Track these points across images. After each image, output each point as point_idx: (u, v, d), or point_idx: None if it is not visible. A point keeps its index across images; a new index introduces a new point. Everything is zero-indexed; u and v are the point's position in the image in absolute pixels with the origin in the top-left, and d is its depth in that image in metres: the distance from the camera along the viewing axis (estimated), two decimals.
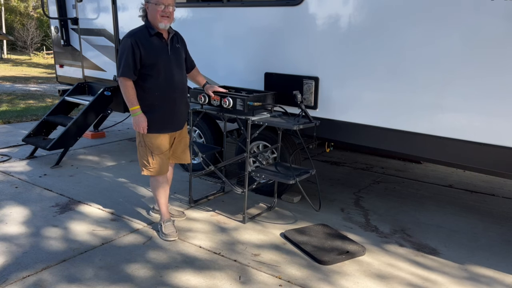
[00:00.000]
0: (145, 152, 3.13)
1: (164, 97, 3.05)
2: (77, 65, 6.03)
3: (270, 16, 3.81)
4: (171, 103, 3.09)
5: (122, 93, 3.00)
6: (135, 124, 3.01)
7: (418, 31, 3.05)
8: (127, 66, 2.92)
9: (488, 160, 2.94)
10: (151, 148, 3.11)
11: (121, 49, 2.95)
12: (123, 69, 2.93)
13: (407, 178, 4.91)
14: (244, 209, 3.51)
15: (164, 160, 3.18)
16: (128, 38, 2.94)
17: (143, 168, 3.18)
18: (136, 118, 2.99)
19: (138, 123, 3.00)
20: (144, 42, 2.95)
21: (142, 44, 2.93)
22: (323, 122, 3.59)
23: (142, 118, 3.00)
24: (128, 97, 2.97)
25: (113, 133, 6.70)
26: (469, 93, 2.92)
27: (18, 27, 36.46)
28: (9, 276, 2.64)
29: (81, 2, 5.61)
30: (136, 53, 2.91)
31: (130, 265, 2.82)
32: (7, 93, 11.46)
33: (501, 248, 3.26)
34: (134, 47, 2.91)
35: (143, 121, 3.00)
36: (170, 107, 3.10)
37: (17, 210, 3.62)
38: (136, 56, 2.92)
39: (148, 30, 2.99)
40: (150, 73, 2.99)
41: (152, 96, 3.02)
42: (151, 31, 2.98)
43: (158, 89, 3.02)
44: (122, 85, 2.96)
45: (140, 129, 3.02)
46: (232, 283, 2.66)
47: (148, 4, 2.98)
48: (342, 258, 2.96)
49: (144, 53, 2.94)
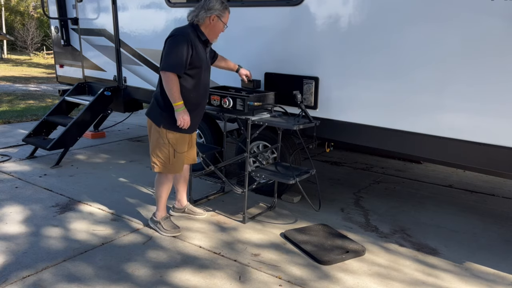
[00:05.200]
0: (167, 150, 3.13)
1: (198, 100, 3.12)
2: (77, 65, 6.03)
3: (270, 16, 3.81)
4: (200, 106, 3.19)
5: (166, 88, 2.97)
6: (180, 119, 3.01)
7: (418, 31, 3.06)
8: (179, 62, 2.93)
9: (488, 160, 2.95)
10: (175, 146, 3.13)
11: (174, 44, 2.95)
12: (174, 64, 2.93)
13: (407, 178, 4.91)
14: (244, 209, 3.51)
15: (182, 160, 3.23)
16: (185, 37, 2.95)
17: (158, 164, 3.16)
18: (181, 113, 3.01)
19: (184, 118, 3.01)
20: (196, 44, 3.00)
21: (194, 46, 2.98)
22: (323, 122, 3.59)
23: (186, 113, 3.02)
24: (173, 93, 2.96)
25: (113, 133, 6.70)
26: (469, 93, 2.92)
27: (18, 27, 36.49)
28: (9, 276, 2.64)
29: (81, 2, 5.61)
30: (189, 52, 2.95)
31: (130, 265, 2.82)
32: (7, 93, 11.46)
33: (501, 248, 3.26)
34: (189, 46, 2.94)
35: (187, 116, 3.02)
36: (199, 110, 3.20)
37: (17, 210, 3.62)
38: (189, 55, 2.95)
39: (198, 34, 3.04)
40: (192, 75, 3.03)
41: (188, 97, 3.05)
42: (202, 37, 3.05)
43: (195, 91, 3.08)
44: (168, 80, 2.94)
45: (185, 124, 3.03)
46: (232, 283, 2.66)
47: (217, 19, 3.05)
48: (342, 258, 2.96)
49: (195, 55, 2.98)
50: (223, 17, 3.09)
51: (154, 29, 4.78)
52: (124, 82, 5.34)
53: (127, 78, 5.30)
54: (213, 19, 3.04)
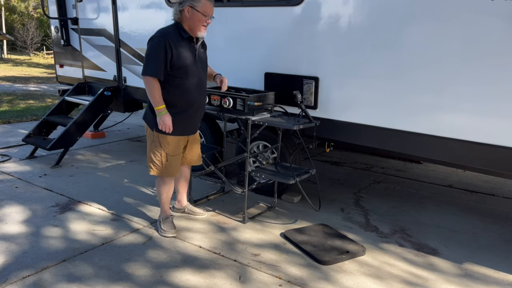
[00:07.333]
0: (160, 153, 3.09)
1: (188, 101, 3.03)
2: (77, 65, 6.03)
3: (270, 16, 3.81)
4: (193, 107, 3.08)
5: (147, 92, 2.94)
6: (161, 123, 2.96)
7: (418, 31, 3.06)
8: (157, 65, 2.87)
9: (488, 160, 2.94)
10: (166, 149, 3.07)
11: (152, 48, 2.90)
12: (152, 68, 2.88)
13: (407, 178, 4.91)
14: (244, 209, 3.51)
15: (177, 162, 3.17)
16: (162, 38, 2.87)
17: (153, 167, 3.14)
18: (162, 117, 2.95)
19: (164, 122, 2.95)
20: (176, 44, 2.89)
21: (174, 46, 2.88)
22: (323, 122, 3.59)
23: (167, 117, 2.96)
24: (154, 97, 2.92)
25: (113, 133, 6.70)
26: (469, 93, 2.92)
27: (18, 27, 36.47)
28: (9, 276, 2.64)
29: (81, 2, 5.61)
30: (168, 54, 2.86)
31: (130, 265, 2.82)
32: (7, 93, 11.45)
33: (501, 248, 3.26)
34: (167, 48, 2.85)
35: (168, 120, 2.96)
36: (192, 111, 3.09)
37: (17, 210, 3.62)
38: (168, 57, 2.87)
39: (180, 32, 2.94)
40: (177, 76, 2.94)
41: (176, 99, 2.99)
42: (184, 34, 2.94)
43: (183, 93, 2.99)
44: (149, 84, 2.91)
45: (166, 129, 2.97)
46: (232, 283, 2.66)
47: (191, 10, 2.91)
48: (342, 258, 2.96)
49: (176, 56, 2.89)
50: (198, 7, 2.90)
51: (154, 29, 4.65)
52: (124, 82, 5.34)
53: (127, 78, 5.30)
54: (187, 11, 2.91)
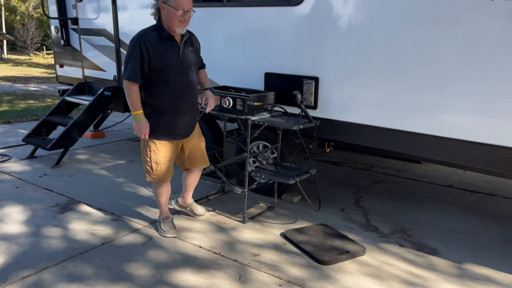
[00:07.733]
0: (149, 158, 3.04)
1: (172, 104, 2.93)
2: (77, 65, 6.02)
3: (270, 16, 3.81)
4: (179, 111, 2.97)
5: (126, 96, 2.87)
6: (137, 129, 2.91)
7: (418, 31, 3.06)
8: (134, 69, 2.80)
9: (489, 160, 2.94)
10: (155, 155, 3.01)
11: (129, 51, 2.82)
12: (129, 72, 2.81)
13: (407, 178, 4.91)
14: (244, 209, 3.51)
15: (168, 168, 3.10)
16: (137, 40, 2.79)
17: (147, 174, 3.12)
18: (138, 123, 2.89)
19: (140, 128, 2.90)
20: (155, 45, 2.80)
21: (152, 47, 2.78)
22: (323, 122, 3.59)
23: (144, 123, 2.89)
24: (131, 101, 2.86)
25: (113, 133, 6.70)
26: (469, 93, 2.92)
27: (18, 27, 36.46)
28: (9, 276, 2.64)
29: (81, 2, 5.61)
30: (145, 57, 2.77)
31: (130, 265, 2.82)
32: (7, 93, 11.45)
33: (501, 248, 3.26)
34: (143, 50, 2.76)
35: (145, 126, 2.90)
36: (178, 115, 2.97)
37: (17, 210, 3.62)
38: (145, 60, 2.78)
39: (159, 32, 2.84)
40: (159, 78, 2.86)
41: (159, 102, 2.91)
42: (163, 34, 2.83)
43: (166, 95, 2.90)
44: (126, 89, 2.84)
45: (141, 135, 2.92)
46: (232, 283, 2.66)
47: (165, 6, 2.78)
48: (342, 258, 2.96)
49: (154, 57, 2.79)
50: (170, 1, 2.76)
51: None
52: None
53: None
54: (163, 8, 2.80)
